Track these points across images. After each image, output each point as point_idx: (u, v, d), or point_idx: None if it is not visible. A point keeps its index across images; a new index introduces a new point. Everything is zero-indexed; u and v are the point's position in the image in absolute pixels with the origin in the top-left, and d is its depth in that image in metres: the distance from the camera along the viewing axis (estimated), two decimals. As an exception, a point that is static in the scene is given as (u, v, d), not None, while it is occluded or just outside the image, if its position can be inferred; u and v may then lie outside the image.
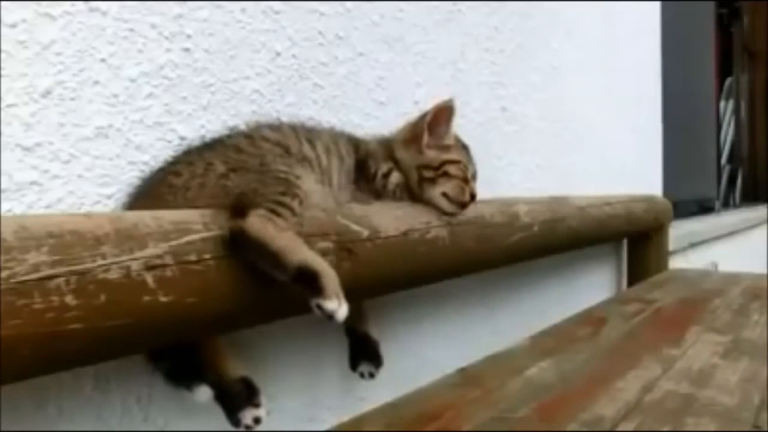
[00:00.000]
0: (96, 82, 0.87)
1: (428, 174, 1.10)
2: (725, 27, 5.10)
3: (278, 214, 0.79)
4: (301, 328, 0.75)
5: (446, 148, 1.12)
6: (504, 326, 1.70)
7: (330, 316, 0.74)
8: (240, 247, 0.76)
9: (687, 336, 1.32)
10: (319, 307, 0.74)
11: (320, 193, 0.93)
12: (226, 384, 0.83)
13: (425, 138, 1.09)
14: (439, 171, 1.10)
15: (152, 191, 0.86)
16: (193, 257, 0.72)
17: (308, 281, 0.75)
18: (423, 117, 1.10)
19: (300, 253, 0.76)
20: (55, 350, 0.62)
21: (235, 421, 0.82)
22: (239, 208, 0.78)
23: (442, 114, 1.09)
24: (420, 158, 1.09)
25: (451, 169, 1.10)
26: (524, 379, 1.07)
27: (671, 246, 2.59)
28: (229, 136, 0.96)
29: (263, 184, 0.82)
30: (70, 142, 0.84)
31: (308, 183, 0.89)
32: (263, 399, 0.84)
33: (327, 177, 0.97)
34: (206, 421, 0.84)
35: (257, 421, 0.82)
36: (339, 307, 0.74)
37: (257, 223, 0.76)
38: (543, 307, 1.90)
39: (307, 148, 0.97)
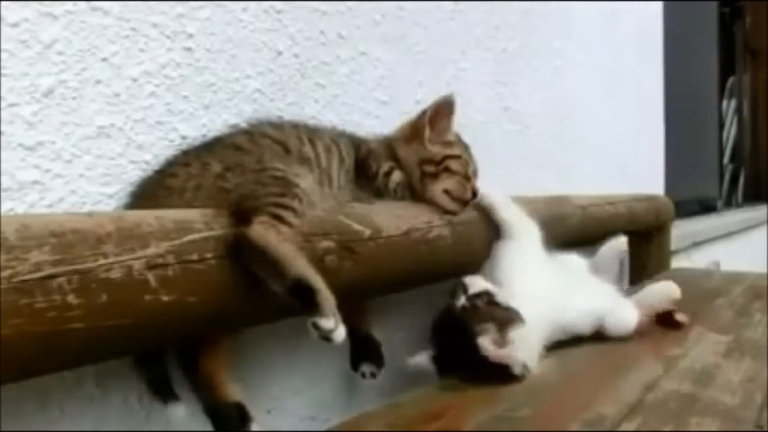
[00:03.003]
0: (98, 82, 0.87)
1: (430, 169, 1.10)
2: (727, 26, 5.09)
3: (281, 219, 0.79)
4: (302, 327, 0.75)
5: (447, 144, 1.12)
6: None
7: (327, 338, 0.73)
8: (242, 254, 0.76)
9: (689, 335, 1.31)
10: (316, 325, 0.73)
11: (319, 192, 0.93)
12: (220, 405, 0.83)
13: (427, 133, 1.09)
14: (441, 166, 1.10)
15: (149, 193, 0.86)
16: (194, 257, 0.72)
17: (304, 296, 0.74)
18: (424, 113, 1.10)
19: (299, 266, 0.76)
20: (56, 349, 0.62)
21: None
22: (242, 214, 0.77)
23: (443, 109, 1.10)
24: (422, 153, 1.10)
25: (453, 165, 1.10)
26: (525, 378, 1.07)
27: (673, 245, 2.58)
28: (228, 135, 0.96)
29: (261, 185, 0.82)
30: (71, 141, 0.85)
31: (307, 182, 0.89)
32: (254, 426, 0.84)
33: (326, 177, 0.97)
34: (208, 422, 0.84)
35: None
36: (336, 328, 0.74)
37: (261, 231, 0.76)
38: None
39: (307, 148, 0.96)
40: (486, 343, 0.99)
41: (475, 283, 1.09)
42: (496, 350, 0.99)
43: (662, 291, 1.35)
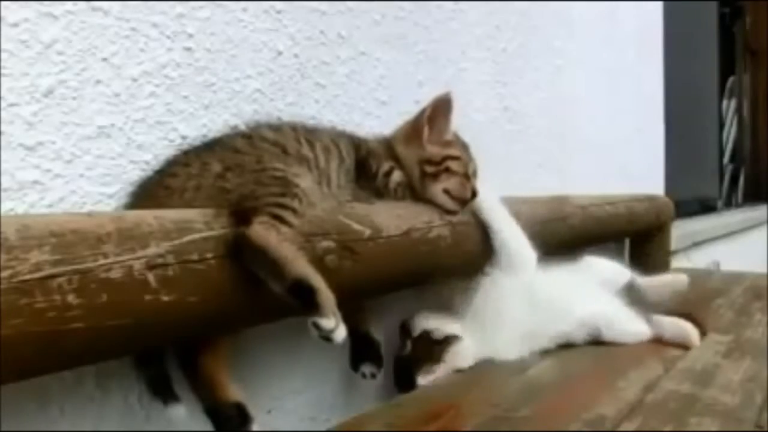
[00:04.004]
0: (98, 82, 0.88)
1: (430, 169, 1.10)
2: (727, 26, 5.09)
3: (281, 219, 0.79)
4: (302, 327, 0.75)
5: (447, 144, 1.12)
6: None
7: (327, 337, 0.73)
8: (242, 254, 0.76)
9: (689, 336, 1.32)
10: (316, 325, 0.73)
11: (319, 192, 0.93)
12: (220, 405, 0.83)
13: (426, 132, 1.09)
14: (441, 166, 1.10)
15: (149, 193, 0.86)
16: (194, 256, 0.72)
17: (304, 296, 0.74)
18: (422, 112, 1.10)
19: (299, 266, 0.76)
20: (56, 349, 0.62)
21: None
22: (242, 214, 0.77)
23: (441, 108, 1.10)
24: (422, 153, 1.10)
25: (453, 165, 1.10)
26: (526, 378, 1.07)
27: (673, 245, 2.58)
28: (228, 136, 0.96)
29: (261, 185, 0.82)
30: (71, 141, 0.85)
31: (306, 182, 0.89)
32: (255, 426, 0.84)
33: (325, 177, 0.97)
34: (208, 422, 0.84)
35: None
36: (336, 327, 0.73)
37: (261, 231, 0.76)
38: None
39: (305, 149, 0.96)
40: (423, 383, 1.08)
41: (417, 325, 1.16)
42: (430, 379, 1.09)
43: (682, 333, 1.30)
